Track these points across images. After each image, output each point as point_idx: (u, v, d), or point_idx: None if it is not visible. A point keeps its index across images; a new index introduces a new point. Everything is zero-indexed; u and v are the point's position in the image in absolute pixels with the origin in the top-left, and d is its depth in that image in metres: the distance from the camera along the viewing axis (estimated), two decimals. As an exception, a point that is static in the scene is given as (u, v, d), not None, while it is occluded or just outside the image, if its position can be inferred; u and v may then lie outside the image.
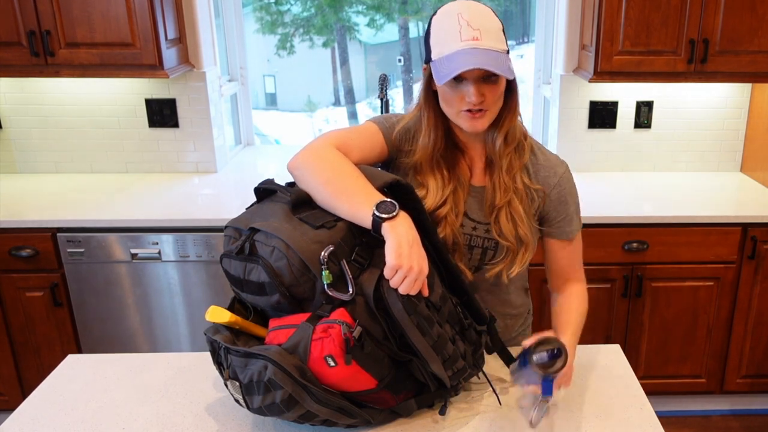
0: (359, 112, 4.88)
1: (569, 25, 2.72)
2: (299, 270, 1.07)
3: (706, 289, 2.49)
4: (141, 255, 2.38)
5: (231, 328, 1.16)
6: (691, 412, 2.73)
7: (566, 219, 1.38)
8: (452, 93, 1.23)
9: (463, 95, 1.21)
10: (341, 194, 1.15)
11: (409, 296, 1.07)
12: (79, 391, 1.33)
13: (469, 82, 1.20)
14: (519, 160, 1.33)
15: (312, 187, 1.19)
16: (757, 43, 2.40)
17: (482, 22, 1.19)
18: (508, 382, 1.33)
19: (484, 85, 1.21)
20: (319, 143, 1.25)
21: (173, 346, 2.51)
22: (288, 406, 1.05)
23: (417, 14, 4.78)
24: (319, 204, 1.18)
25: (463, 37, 1.17)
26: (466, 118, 1.24)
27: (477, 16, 1.19)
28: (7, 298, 2.44)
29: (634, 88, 2.79)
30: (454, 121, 1.28)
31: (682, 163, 2.91)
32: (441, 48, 1.20)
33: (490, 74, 1.20)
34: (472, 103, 1.21)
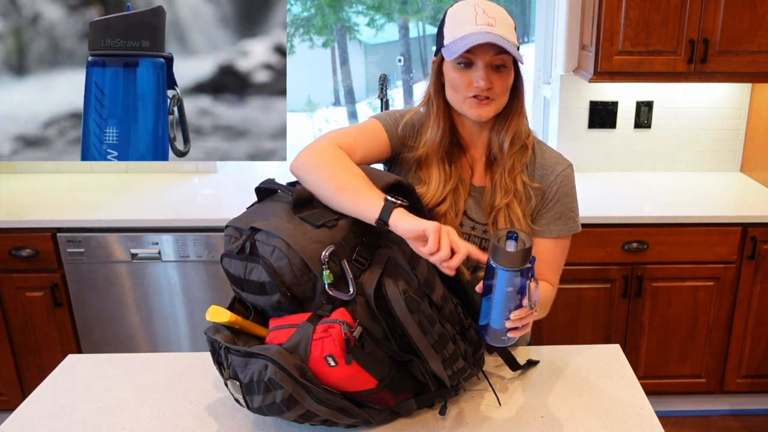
0: (359, 112, 4.88)
1: (569, 25, 2.72)
2: (300, 270, 1.07)
3: (706, 289, 2.49)
4: (141, 255, 2.38)
5: (231, 327, 1.16)
6: (691, 412, 2.73)
7: (554, 218, 1.35)
8: (461, 78, 1.23)
9: (471, 80, 1.22)
10: (346, 190, 1.15)
11: (411, 295, 1.07)
12: (79, 391, 1.33)
13: (479, 66, 1.21)
14: (521, 161, 1.33)
15: (316, 185, 1.19)
16: (757, 43, 2.40)
17: (497, 14, 1.22)
18: (508, 381, 1.34)
19: (494, 73, 1.22)
20: (322, 142, 1.26)
21: (173, 346, 2.51)
22: (288, 405, 1.05)
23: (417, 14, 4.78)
24: (324, 201, 1.18)
25: (479, 21, 1.20)
26: (472, 105, 1.25)
27: (493, 8, 1.23)
28: (7, 298, 2.44)
29: (634, 88, 2.79)
30: (460, 110, 1.29)
31: (681, 163, 2.91)
32: (455, 31, 1.22)
33: (499, 63, 1.22)
34: (480, 87, 1.21)
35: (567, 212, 1.36)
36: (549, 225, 1.35)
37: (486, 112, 1.25)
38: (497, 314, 1.09)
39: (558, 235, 1.36)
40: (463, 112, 1.29)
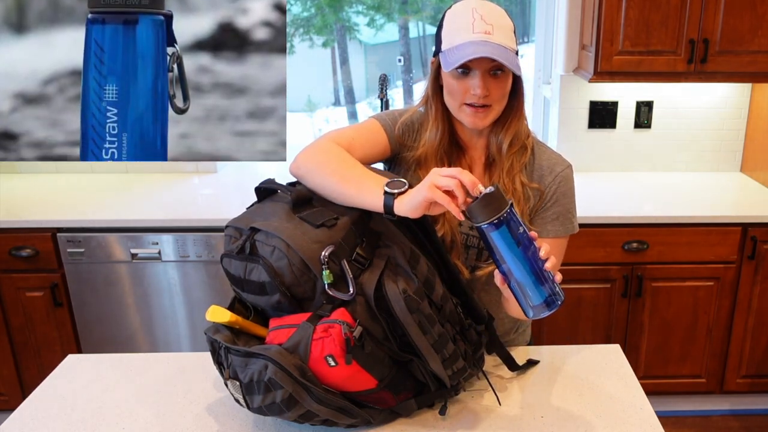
0: (359, 112, 4.88)
1: (569, 25, 2.72)
2: (300, 270, 1.07)
3: (706, 289, 2.49)
4: (141, 255, 2.38)
5: (231, 327, 1.16)
6: (691, 412, 2.73)
7: (552, 218, 1.35)
8: (457, 85, 1.23)
9: (468, 88, 1.22)
10: (348, 181, 1.15)
11: (411, 295, 1.07)
12: (79, 391, 1.33)
13: (476, 74, 1.20)
14: (519, 161, 1.33)
15: (317, 181, 1.19)
16: (757, 43, 2.40)
17: (496, 19, 1.20)
18: (507, 381, 1.34)
19: (491, 80, 1.21)
20: (320, 142, 1.26)
21: (173, 346, 2.51)
22: (288, 405, 1.05)
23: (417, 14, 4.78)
24: (326, 196, 1.18)
25: (476, 29, 1.18)
26: (469, 113, 1.24)
27: (491, 13, 1.20)
28: (7, 298, 2.44)
29: (634, 88, 2.79)
30: (456, 116, 1.28)
31: (681, 163, 2.91)
32: (452, 38, 1.20)
33: (496, 69, 1.20)
34: (477, 95, 1.21)
35: (565, 213, 1.35)
36: (546, 225, 1.35)
37: (482, 121, 1.25)
38: (526, 276, 1.03)
39: (555, 235, 1.35)
40: (459, 119, 1.28)
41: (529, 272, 1.04)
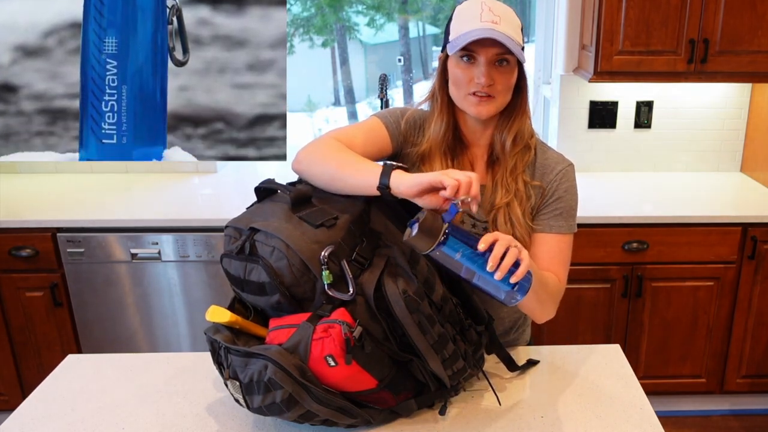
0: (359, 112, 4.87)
1: (569, 25, 2.72)
2: (299, 270, 1.07)
3: (706, 289, 2.49)
4: (141, 255, 2.38)
5: (231, 327, 1.16)
6: (691, 412, 2.73)
7: (554, 213, 1.34)
8: (462, 73, 1.24)
9: (472, 76, 1.23)
10: (346, 165, 1.18)
11: (411, 295, 1.07)
12: (79, 391, 1.33)
13: (481, 62, 1.22)
14: (523, 161, 1.34)
15: (318, 173, 1.20)
16: (757, 43, 2.40)
17: (504, 13, 1.23)
18: (507, 381, 1.34)
19: (495, 70, 1.23)
20: (322, 138, 1.27)
21: (173, 346, 2.51)
22: (288, 405, 1.05)
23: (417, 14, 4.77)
24: (326, 185, 1.20)
25: (483, 18, 1.20)
26: (473, 102, 1.25)
27: (500, 7, 1.23)
28: (7, 298, 2.44)
29: (634, 88, 2.79)
30: (461, 106, 1.29)
31: (682, 163, 2.91)
32: (460, 27, 1.23)
33: (502, 59, 1.22)
34: (481, 84, 1.22)
35: (567, 209, 1.35)
36: (549, 221, 1.35)
37: (486, 109, 1.25)
38: (485, 276, 1.06)
39: (559, 231, 1.34)
40: (464, 109, 1.29)
41: (486, 273, 1.06)
